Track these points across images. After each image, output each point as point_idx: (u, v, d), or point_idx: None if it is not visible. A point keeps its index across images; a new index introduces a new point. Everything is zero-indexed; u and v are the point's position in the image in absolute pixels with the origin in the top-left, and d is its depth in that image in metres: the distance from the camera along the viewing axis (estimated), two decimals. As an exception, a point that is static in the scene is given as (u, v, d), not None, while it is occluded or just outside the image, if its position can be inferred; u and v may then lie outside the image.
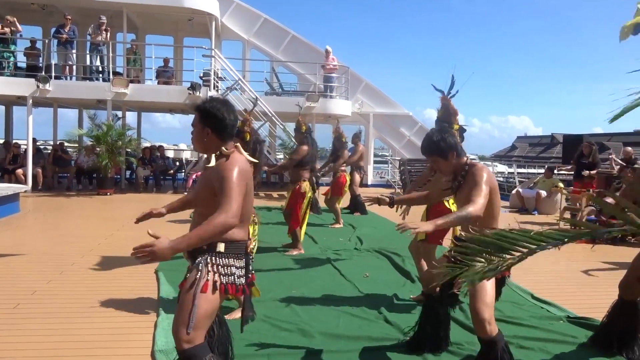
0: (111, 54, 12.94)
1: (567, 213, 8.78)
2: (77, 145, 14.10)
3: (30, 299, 4.17)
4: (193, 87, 12.00)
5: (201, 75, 13.32)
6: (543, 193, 10.50)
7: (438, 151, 2.98)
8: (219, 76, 13.20)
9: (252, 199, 2.52)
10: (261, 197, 11.81)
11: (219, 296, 2.29)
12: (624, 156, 9.85)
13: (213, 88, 12.65)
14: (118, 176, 13.25)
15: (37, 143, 13.92)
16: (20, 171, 11.92)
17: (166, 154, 15.15)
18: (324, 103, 13.74)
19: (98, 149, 11.98)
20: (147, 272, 4.96)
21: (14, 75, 12.30)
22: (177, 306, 2.30)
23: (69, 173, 13.21)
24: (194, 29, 15.28)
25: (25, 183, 11.53)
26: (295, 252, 6.17)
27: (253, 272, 2.55)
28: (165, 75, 13.85)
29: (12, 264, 5.31)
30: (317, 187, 7.01)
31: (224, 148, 2.38)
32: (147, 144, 15.78)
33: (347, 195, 9.30)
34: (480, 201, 2.71)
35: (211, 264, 2.29)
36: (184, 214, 4.58)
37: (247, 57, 15.83)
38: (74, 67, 13.18)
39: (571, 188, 9.88)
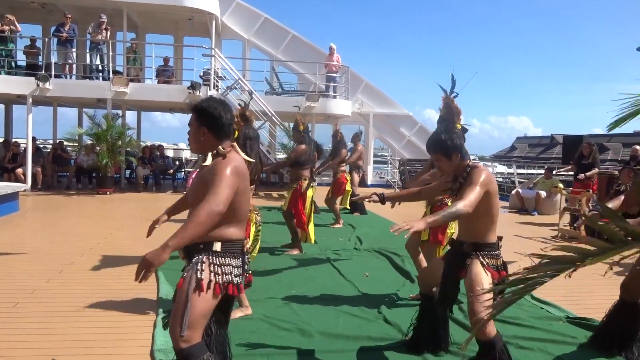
0: (111, 53, 12.94)
1: (567, 214, 8.77)
2: (77, 144, 14.09)
3: (29, 298, 4.17)
4: (193, 87, 11.99)
5: (201, 74, 13.31)
6: (543, 194, 10.51)
7: (443, 150, 2.97)
8: (219, 75, 13.20)
9: (249, 199, 2.48)
10: (261, 197, 11.80)
11: (215, 295, 2.27)
12: (633, 154, 9.75)
13: (213, 87, 12.64)
14: (118, 175, 13.24)
15: (37, 142, 13.91)
16: (19, 170, 11.91)
17: (166, 153, 15.13)
18: (324, 103, 13.74)
19: (98, 148, 11.98)
20: (147, 272, 4.95)
21: (14, 73, 12.28)
22: (174, 305, 2.30)
23: (69, 172, 13.19)
24: (194, 28, 15.29)
25: (24, 182, 11.51)
26: (295, 252, 6.17)
27: (250, 272, 2.54)
28: (165, 74, 13.86)
29: (12, 263, 5.31)
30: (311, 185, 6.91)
31: (221, 147, 2.36)
32: (148, 143, 15.77)
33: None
34: (471, 197, 2.70)
35: (207, 263, 2.28)
36: (186, 214, 4.55)
37: (247, 57, 15.82)
38: (74, 66, 13.17)
39: (571, 189, 9.85)
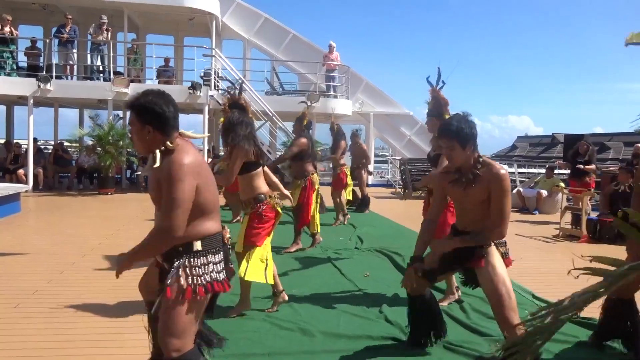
0: (112, 54, 12.96)
1: (568, 213, 8.76)
2: (78, 145, 14.09)
3: (30, 299, 4.18)
4: (194, 87, 12.01)
5: (202, 74, 13.33)
6: (544, 193, 10.50)
7: (460, 137, 2.80)
8: (220, 76, 13.21)
9: (214, 188, 2.31)
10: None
11: (202, 298, 2.20)
12: (635, 152, 9.69)
13: (214, 87, 12.66)
14: (119, 176, 13.25)
15: (38, 143, 13.91)
16: (21, 171, 11.92)
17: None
18: (325, 102, 13.74)
19: (99, 149, 11.99)
20: (148, 272, 4.96)
21: (15, 75, 12.30)
22: (160, 315, 2.19)
23: (70, 173, 13.20)
24: (195, 29, 15.31)
25: (26, 183, 11.52)
26: (293, 249, 6.18)
27: (232, 264, 2.42)
28: (165, 74, 13.87)
29: (13, 264, 5.32)
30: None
31: (168, 142, 2.18)
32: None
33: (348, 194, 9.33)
34: (508, 211, 2.87)
35: (188, 267, 2.18)
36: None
37: (248, 57, 15.84)
38: (75, 67, 13.18)
39: (569, 187, 9.84)
